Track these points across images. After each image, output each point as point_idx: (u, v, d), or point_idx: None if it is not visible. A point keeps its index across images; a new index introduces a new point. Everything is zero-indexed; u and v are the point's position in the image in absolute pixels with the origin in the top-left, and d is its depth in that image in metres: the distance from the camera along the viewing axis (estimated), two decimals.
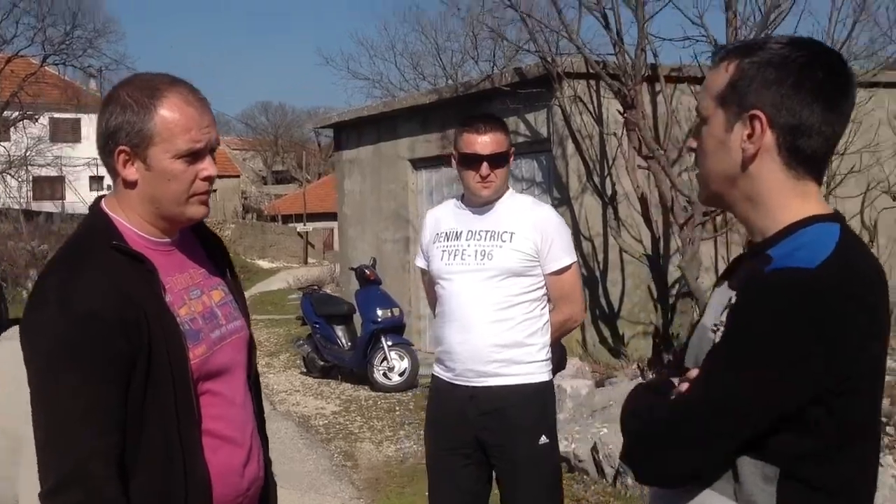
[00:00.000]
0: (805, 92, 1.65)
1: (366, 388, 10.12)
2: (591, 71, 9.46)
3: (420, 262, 3.86)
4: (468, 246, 3.59)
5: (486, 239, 3.58)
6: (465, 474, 3.64)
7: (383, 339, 9.94)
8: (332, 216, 35.80)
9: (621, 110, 8.84)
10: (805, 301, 1.54)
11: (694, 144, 1.79)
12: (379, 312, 10.00)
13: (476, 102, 11.02)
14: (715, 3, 8.11)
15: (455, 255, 3.60)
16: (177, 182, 2.02)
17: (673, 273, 9.37)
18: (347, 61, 64.56)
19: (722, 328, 1.65)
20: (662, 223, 9.40)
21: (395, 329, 10.17)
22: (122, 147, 2.00)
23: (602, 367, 8.82)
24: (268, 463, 2.33)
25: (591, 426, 6.41)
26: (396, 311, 10.17)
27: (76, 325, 1.87)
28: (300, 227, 40.12)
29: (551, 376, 3.71)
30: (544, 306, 3.66)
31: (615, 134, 9.12)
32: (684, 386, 1.65)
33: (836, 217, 1.70)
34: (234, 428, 2.15)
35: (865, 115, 8.93)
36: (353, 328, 10.87)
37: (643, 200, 8.87)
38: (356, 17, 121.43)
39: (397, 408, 9.29)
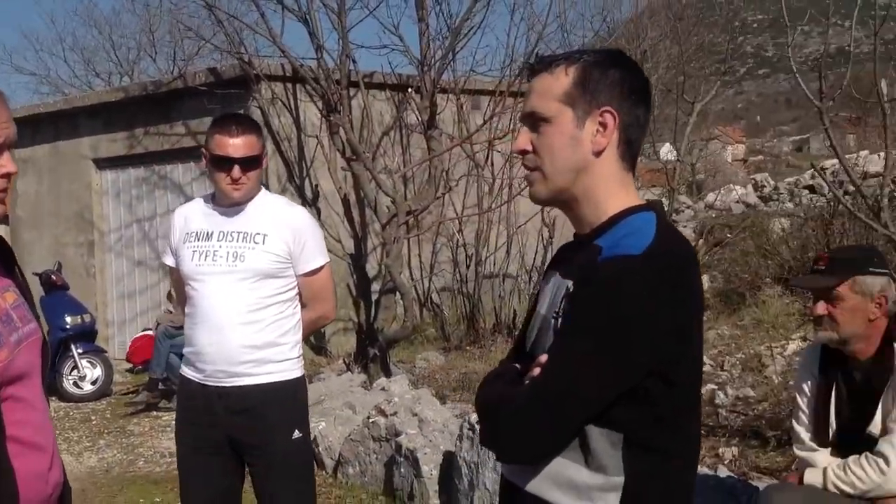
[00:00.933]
0: (638, 93, 1.88)
1: (55, 399, 9.50)
2: (287, 74, 9.59)
3: (169, 261, 3.77)
4: (220, 247, 3.53)
5: (237, 240, 3.53)
6: (216, 471, 3.61)
7: (73, 347, 9.46)
8: None
9: (322, 113, 9.03)
10: (632, 287, 1.72)
11: (529, 147, 1.89)
12: (68, 319, 9.46)
13: (167, 101, 10.76)
14: (408, 14, 8.63)
15: (206, 256, 3.54)
16: None
17: (370, 270, 9.72)
18: (11, 55, 59.03)
19: (562, 313, 1.82)
20: (361, 223, 9.73)
21: (86, 336, 9.69)
22: None
23: (308, 363, 8.95)
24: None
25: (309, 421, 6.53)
26: (87, 318, 9.68)
27: None
28: None
29: (303, 372, 3.80)
30: (296, 305, 3.69)
31: (317, 136, 9.30)
32: (536, 371, 1.79)
33: (652, 206, 1.90)
34: (38, 433, 2.08)
35: None
36: None
37: (345, 201, 9.13)
38: (19, 9, 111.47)
39: (93, 417, 8.90)
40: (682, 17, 15.58)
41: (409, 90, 9.29)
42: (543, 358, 1.78)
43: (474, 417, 5.15)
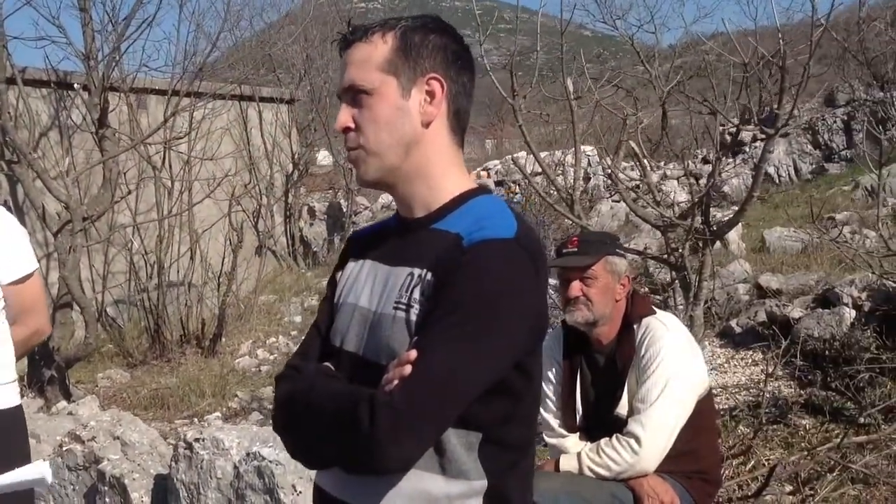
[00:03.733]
0: (464, 59, 1.75)
1: None
2: None
3: None
4: None
5: None
6: None
7: None
8: None
9: None
10: (516, 270, 1.60)
11: (351, 124, 1.72)
12: None
13: None
14: (68, 4, 7.87)
15: None
16: None
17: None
18: None
19: (417, 305, 1.63)
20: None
21: None
22: None
23: None
24: None
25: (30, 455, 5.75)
26: None
27: None
28: None
29: (20, 399, 3.28)
30: (3, 320, 3.21)
31: None
32: (407, 369, 1.54)
33: (488, 189, 1.80)
34: None
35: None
36: None
37: (7, 208, 8.17)
38: None
39: None
40: (326, 21, 15.74)
41: (77, 86, 8.52)
42: (413, 354, 1.55)
43: (191, 435, 4.77)
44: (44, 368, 7.35)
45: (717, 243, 9.35)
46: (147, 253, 8.98)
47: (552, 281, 4.17)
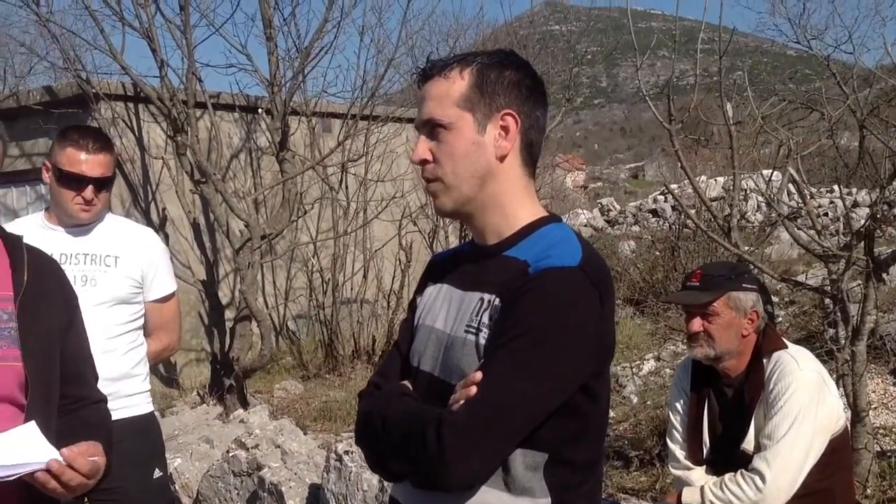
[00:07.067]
0: (537, 94, 1.83)
1: None
2: (129, 93, 9.18)
3: None
4: (66, 270, 3.30)
5: (85, 263, 3.29)
6: None
7: None
8: None
9: (168, 134, 8.69)
10: (579, 297, 1.67)
11: (429, 156, 1.82)
12: None
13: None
14: (255, 34, 8.40)
15: None
16: None
17: (223, 298, 9.39)
18: None
19: (486, 329, 1.72)
20: (212, 248, 9.40)
21: None
22: None
23: (158, 396, 8.56)
24: None
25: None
26: None
27: None
28: None
29: (153, 406, 3.57)
30: (142, 337, 3.49)
31: (163, 158, 8.93)
32: (472, 390, 1.65)
33: (558, 217, 1.88)
34: None
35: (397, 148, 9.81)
36: None
37: (195, 225, 8.80)
38: None
39: None
40: (527, 45, 15.96)
41: (260, 111, 9.05)
42: (478, 375, 1.66)
43: (341, 448, 4.99)
44: (224, 378, 7.85)
45: None
46: (323, 270, 9.40)
47: None
